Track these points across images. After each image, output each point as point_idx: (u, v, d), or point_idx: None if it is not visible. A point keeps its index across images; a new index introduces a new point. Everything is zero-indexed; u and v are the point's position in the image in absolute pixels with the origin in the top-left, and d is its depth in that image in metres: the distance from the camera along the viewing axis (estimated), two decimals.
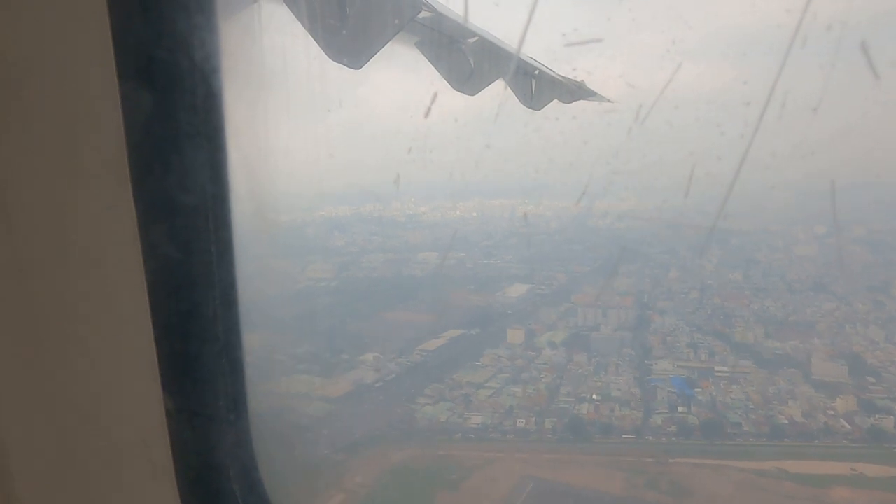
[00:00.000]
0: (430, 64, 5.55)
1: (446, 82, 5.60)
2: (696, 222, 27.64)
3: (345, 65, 4.69)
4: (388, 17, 4.61)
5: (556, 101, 6.23)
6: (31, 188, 2.08)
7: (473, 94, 5.49)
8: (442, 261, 30.19)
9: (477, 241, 31.31)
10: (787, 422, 22.47)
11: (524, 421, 23.89)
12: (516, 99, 5.63)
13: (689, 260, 30.18)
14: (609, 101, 7.19)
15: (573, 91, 6.41)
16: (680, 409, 23.59)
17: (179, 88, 2.01)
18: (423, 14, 4.88)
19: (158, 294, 2.13)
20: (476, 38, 5.42)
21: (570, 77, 6.21)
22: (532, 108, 5.84)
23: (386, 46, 4.83)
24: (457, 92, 5.59)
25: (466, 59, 5.42)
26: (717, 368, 24.85)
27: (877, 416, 21.94)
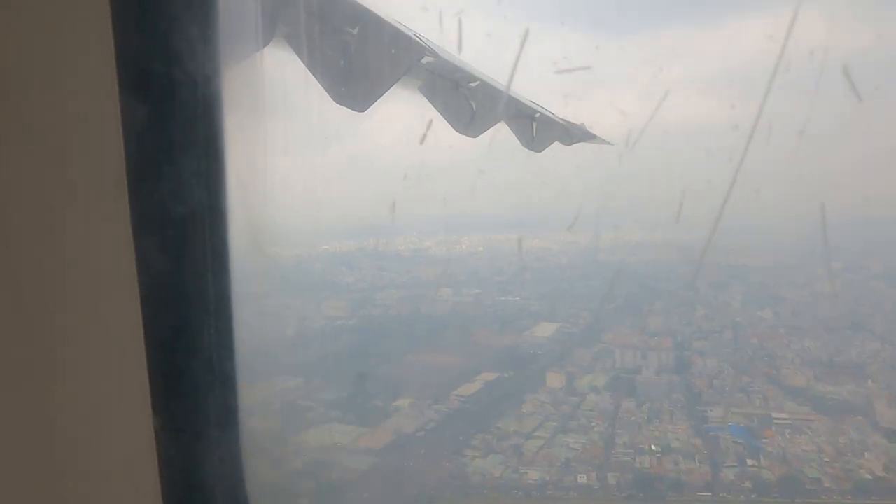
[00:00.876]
0: (432, 107, 5.70)
1: (449, 125, 5.75)
2: (713, 258, 26.85)
3: (349, 108, 4.87)
4: (391, 62, 4.79)
5: (556, 142, 6.33)
6: (26, 200, 2.07)
7: (475, 137, 5.63)
8: (458, 298, 29.96)
9: (488, 277, 31.10)
10: (870, 477, 20.84)
11: (585, 476, 22.69)
12: (518, 142, 5.74)
13: (711, 296, 29.62)
14: (609, 143, 7.23)
15: (574, 133, 6.50)
16: (749, 462, 22.28)
17: (179, 105, 2.06)
18: (425, 59, 5.05)
19: (151, 308, 2.11)
20: (478, 83, 5.57)
21: (571, 120, 6.30)
22: (533, 150, 5.95)
23: (391, 91, 5.00)
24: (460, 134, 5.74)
25: (468, 102, 5.57)
26: (775, 416, 23.67)
27: None
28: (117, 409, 2.21)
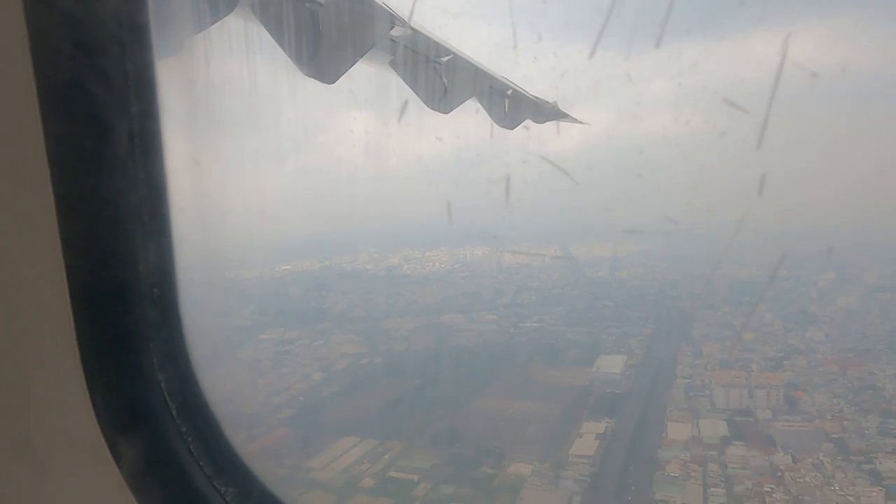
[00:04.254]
0: (403, 82, 5.56)
1: (420, 100, 5.61)
2: (736, 272, 26.08)
3: (317, 79, 4.69)
4: (361, 33, 4.64)
5: (528, 120, 6.28)
6: None
7: (447, 113, 5.50)
8: (474, 325, 28.34)
9: (491, 299, 29.52)
10: None
11: None
12: (489, 117, 5.64)
13: (760, 319, 26.79)
14: (580, 122, 7.26)
15: (546, 111, 6.46)
16: None
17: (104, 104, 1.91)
18: (396, 31, 4.92)
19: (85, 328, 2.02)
20: (450, 57, 5.45)
21: (543, 97, 6.25)
22: (505, 127, 5.86)
23: (360, 65, 4.85)
24: (431, 110, 5.60)
25: (440, 77, 5.45)
26: None
27: None
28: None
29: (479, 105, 5.49)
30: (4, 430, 2.16)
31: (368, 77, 5.43)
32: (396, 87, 5.45)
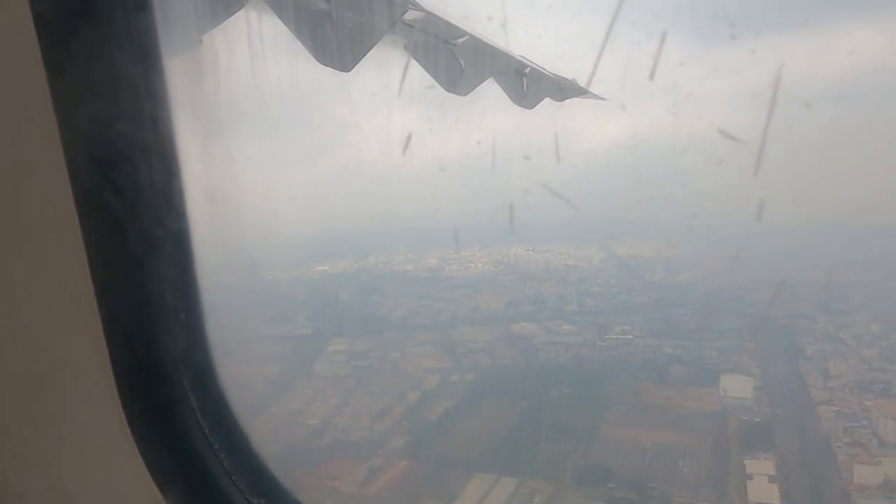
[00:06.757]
0: (420, 67, 5.57)
1: (437, 84, 5.60)
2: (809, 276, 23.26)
3: (333, 68, 4.73)
4: (375, 19, 4.66)
5: (547, 99, 6.17)
6: None
7: (465, 95, 5.47)
8: (551, 335, 26.01)
9: (557, 306, 26.98)
10: None
11: None
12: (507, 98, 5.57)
13: (866, 330, 23.70)
14: (601, 98, 7.08)
15: (564, 89, 6.34)
16: None
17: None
18: (411, 14, 4.93)
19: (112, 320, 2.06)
20: (466, 38, 5.43)
21: (562, 75, 6.13)
22: (523, 107, 5.77)
23: (375, 51, 4.87)
24: (449, 93, 5.58)
25: (456, 59, 5.42)
26: None
27: None
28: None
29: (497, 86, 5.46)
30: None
31: (384, 63, 5.45)
32: (415, 73, 5.46)
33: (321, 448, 20.78)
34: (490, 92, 5.32)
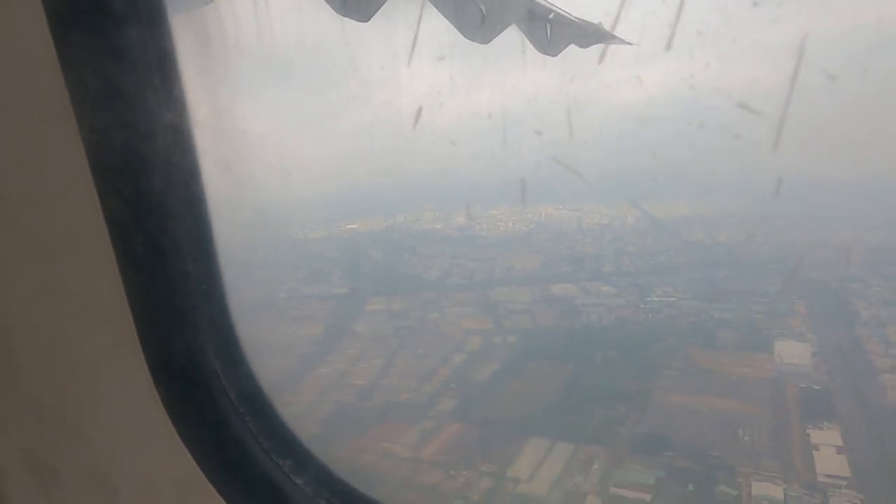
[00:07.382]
0: (439, 14, 5.44)
1: (458, 31, 5.47)
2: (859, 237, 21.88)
3: (351, 18, 4.66)
4: None
5: (572, 45, 5.97)
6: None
7: (486, 42, 5.33)
8: (592, 297, 25.17)
9: (595, 267, 26.15)
10: None
11: None
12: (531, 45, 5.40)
13: None
14: (629, 43, 6.81)
15: (590, 35, 6.13)
16: None
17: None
18: None
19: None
20: None
21: (587, 19, 5.92)
22: (548, 54, 5.60)
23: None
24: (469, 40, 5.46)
25: (477, 4, 5.29)
26: None
27: None
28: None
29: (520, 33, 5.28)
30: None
31: (402, 11, 5.33)
32: (439, 23, 5.33)
33: (371, 410, 20.92)
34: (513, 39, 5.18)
